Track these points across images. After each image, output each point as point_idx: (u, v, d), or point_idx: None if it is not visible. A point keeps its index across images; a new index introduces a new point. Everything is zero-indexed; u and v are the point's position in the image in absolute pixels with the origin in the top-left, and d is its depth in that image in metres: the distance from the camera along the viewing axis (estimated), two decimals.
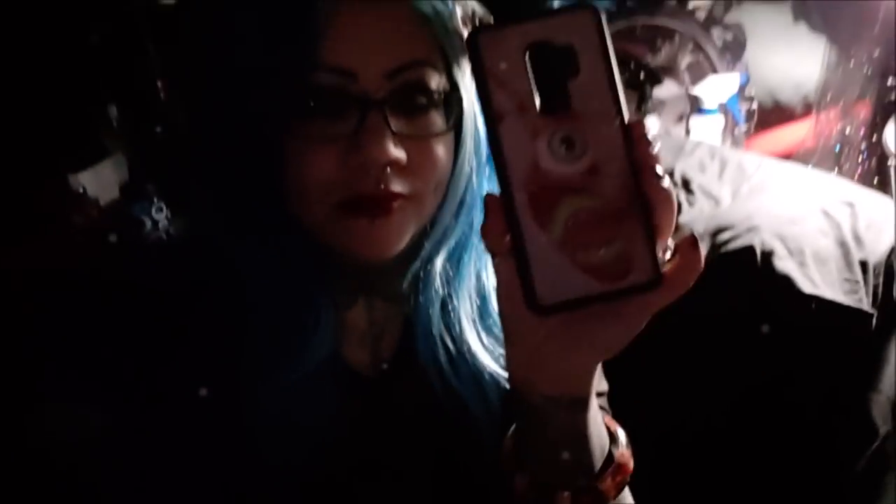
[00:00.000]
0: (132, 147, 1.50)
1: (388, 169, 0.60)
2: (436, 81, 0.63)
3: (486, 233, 0.46)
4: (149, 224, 1.40)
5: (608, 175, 0.43)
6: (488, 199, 0.45)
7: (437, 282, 0.67)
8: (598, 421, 0.56)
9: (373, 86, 0.60)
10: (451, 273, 0.68)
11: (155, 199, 1.39)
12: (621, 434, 0.59)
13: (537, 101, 0.43)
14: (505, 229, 0.44)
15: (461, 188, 0.66)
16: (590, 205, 0.43)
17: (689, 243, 0.45)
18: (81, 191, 1.44)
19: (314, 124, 0.60)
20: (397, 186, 0.61)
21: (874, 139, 1.51)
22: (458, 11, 0.65)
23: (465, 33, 0.64)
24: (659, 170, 0.43)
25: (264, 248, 0.63)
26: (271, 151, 0.60)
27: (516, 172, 0.43)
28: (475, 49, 0.43)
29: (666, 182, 0.44)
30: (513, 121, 0.43)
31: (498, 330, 0.68)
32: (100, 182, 1.49)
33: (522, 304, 0.44)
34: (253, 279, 0.63)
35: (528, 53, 0.42)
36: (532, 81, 0.43)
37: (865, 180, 1.49)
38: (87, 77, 1.43)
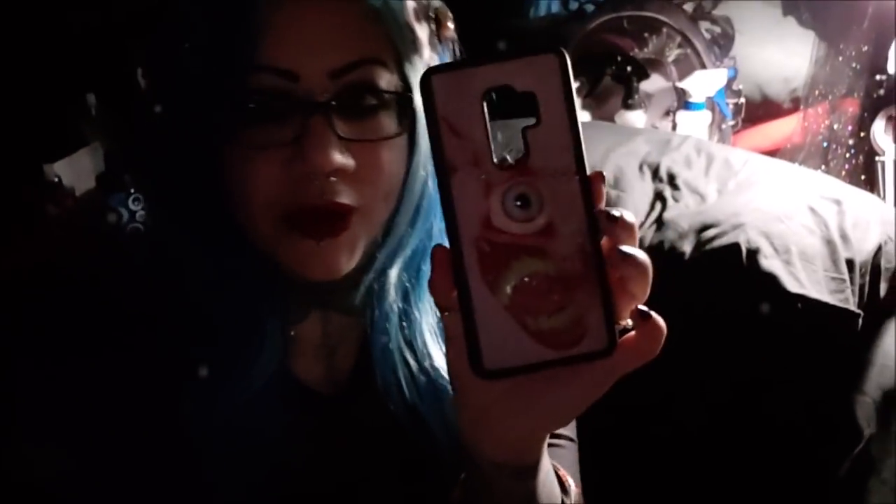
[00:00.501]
0: (110, 136, 1.47)
1: (334, 178, 0.56)
2: (386, 80, 0.59)
3: (432, 288, 0.43)
4: (125, 215, 1.38)
5: (563, 236, 0.40)
6: (436, 252, 0.42)
7: (393, 294, 0.64)
8: (550, 479, 0.53)
9: (316, 87, 0.56)
10: (410, 284, 0.65)
11: (132, 190, 1.36)
12: (572, 485, 0.57)
13: (493, 152, 0.40)
14: (452, 286, 0.41)
15: (416, 194, 0.63)
16: (542, 269, 0.40)
17: (636, 316, 0.42)
18: (56, 180, 1.42)
19: (255, 130, 0.56)
20: (344, 197, 0.57)
21: (862, 136, 1.50)
22: (412, 4, 0.61)
23: (419, 29, 0.61)
24: (629, 241, 0.41)
25: (208, 257, 0.60)
26: (211, 158, 0.57)
27: (467, 228, 0.40)
28: (428, 92, 0.40)
29: (635, 253, 0.41)
30: (466, 173, 0.40)
31: None
32: (76, 172, 1.46)
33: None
34: (197, 288, 0.60)
35: (485, 99, 0.40)
36: (488, 130, 0.40)
37: (853, 177, 1.48)
38: (65, 64, 1.41)
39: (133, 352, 0.59)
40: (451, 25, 0.64)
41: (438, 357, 0.65)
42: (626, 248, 0.41)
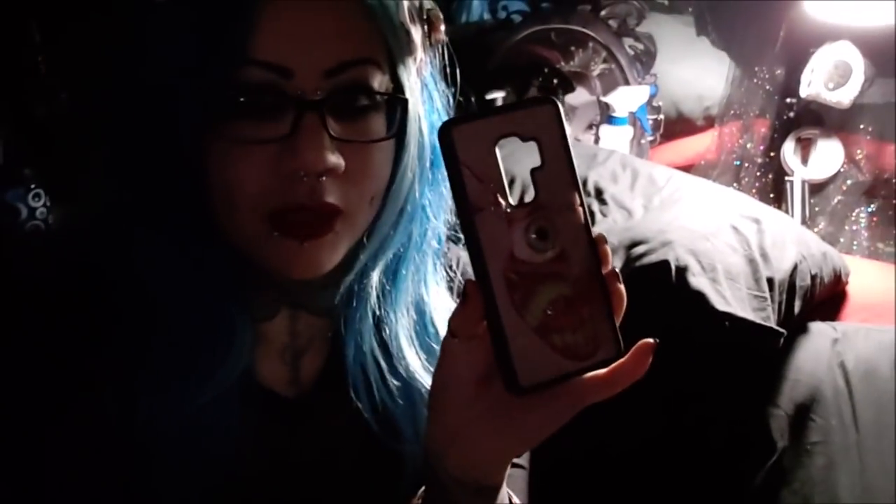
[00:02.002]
0: (8, 127, 1.38)
1: (324, 178, 0.55)
2: (379, 81, 0.58)
3: (460, 318, 0.46)
4: (24, 212, 1.29)
5: (574, 261, 0.45)
6: (469, 286, 0.45)
7: (373, 296, 0.63)
8: (504, 502, 0.54)
9: (310, 85, 0.54)
10: (387, 287, 0.63)
11: (32, 185, 1.28)
12: None
13: (509, 193, 0.44)
14: (482, 316, 0.45)
15: (402, 197, 0.61)
16: (562, 291, 0.45)
17: (649, 347, 0.47)
18: None
19: (243, 126, 0.54)
20: (331, 197, 0.55)
21: (772, 156, 1.55)
22: (407, 4, 0.59)
23: (413, 30, 0.60)
24: (609, 258, 0.46)
25: (173, 252, 0.57)
26: (189, 153, 0.54)
27: (493, 262, 0.44)
28: (449, 140, 0.44)
29: (618, 276, 0.47)
30: (488, 213, 0.44)
31: (437, 347, 0.63)
32: None
33: (461, 385, 0.47)
34: (157, 284, 0.57)
35: (497, 145, 0.44)
36: (503, 173, 0.44)
37: (762, 195, 1.54)
38: None
39: (72, 351, 0.56)
40: (442, 28, 0.63)
41: (414, 361, 0.64)
42: (616, 270, 0.47)
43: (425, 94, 0.63)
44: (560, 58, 1.57)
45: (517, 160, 0.49)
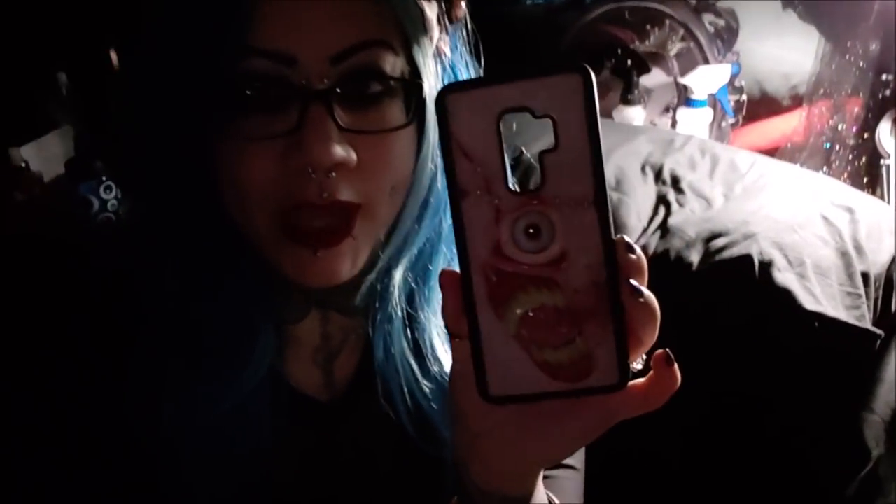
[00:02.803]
0: (81, 119, 1.40)
1: (334, 173, 0.51)
2: (392, 65, 0.53)
3: (443, 313, 0.42)
4: (96, 204, 1.31)
5: (577, 268, 0.38)
6: (444, 277, 0.41)
7: (396, 295, 0.59)
8: None
9: (315, 73, 0.50)
10: (417, 285, 0.60)
11: (103, 178, 1.29)
12: None
13: (507, 177, 0.38)
14: (461, 312, 0.40)
15: (424, 189, 0.57)
16: (550, 301, 0.39)
17: (661, 359, 0.41)
18: (23, 165, 1.35)
19: (248, 120, 0.51)
20: (345, 194, 0.52)
21: (865, 137, 1.45)
22: None
23: (428, 7, 0.55)
24: (640, 280, 0.39)
25: (195, 250, 0.55)
26: (198, 148, 0.51)
27: (476, 254, 0.39)
28: (442, 112, 0.38)
29: (646, 294, 0.39)
30: (477, 198, 0.38)
31: None
32: (44, 156, 1.39)
33: (472, 389, 0.41)
34: (182, 285, 0.55)
35: (501, 120, 0.38)
36: (503, 153, 0.38)
37: (854, 180, 1.44)
38: (34, 41, 1.33)
39: (103, 350, 0.54)
40: (462, 4, 0.59)
41: (448, 362, 0.60)
42: (638, 285, 0.39)
43: (447, 75, 0.58)
44: (634, 37, 1.49)
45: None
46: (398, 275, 0.59)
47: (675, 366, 0.41)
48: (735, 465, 0.92)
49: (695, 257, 0.92)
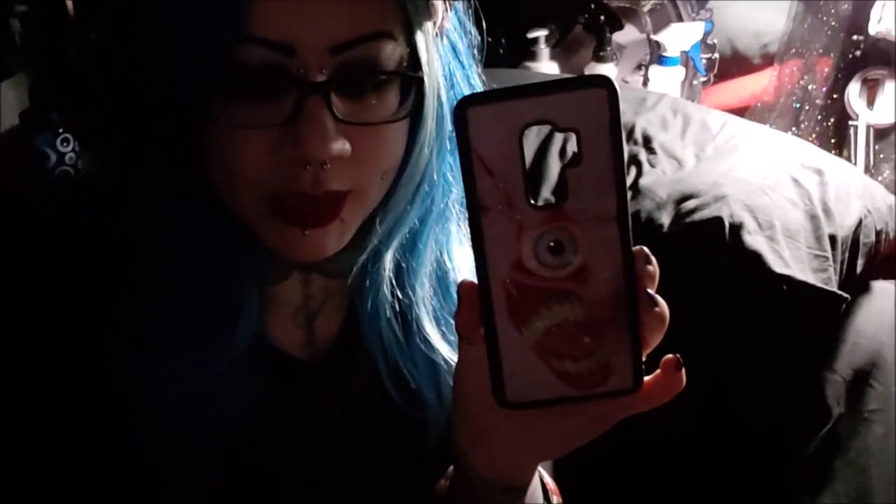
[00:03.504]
0: (36, 68, 1.35)
1: (328, 165, 0.50)
2: (392, 54, 0.52)
3: (458, 321, 0.43)
4: (53, 157, 1.27)
5: (597, 281, 0.39)
6: (463, 288, 0.41)
7: (387, 274, 0.59)
8: (536, 493, 0.52)
9: (314, 63, 0.49)
10: (406, 263, 0.60)
11: (60, 130, 1.25)
12: (555, 495, 0.56)
13: (528, 191, 0.38)
14: (478, 322, 0.40)
15: (419, 174, 0.57)
16: (572, 315, 0.39)
17: (671, 364, 0.43)
18: None
19: (244, 109, 0.50)
20: (336, 183, 0.51)
21: (834, 97, 1.45)
22: None
23: None
24: (653, 290, 0.41)
25: (175, 210, 0.54)
26: (189, 134, 0.50)
27: (496, 268, 0.38)
28: (463, 124, 0.37)
29: (660, 302, 0.41)
30: (498, 213, 0.38)
31: None
32: None
33: (480, 389, 0.42)
34: (162, 248, 0.54)
35: (523, 133, 0.37)
36: (524, 168, 0.37)
37: (822, 141, 1.44)
38: None
39: (72, 308, 0.54)
40: None
41: (433, 333, 0.61)
42: (654, 295, 0.41)
43: (447, 59, 0.57)
44: None
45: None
46: (388, 254, 0.60)
47: (683, 370, 0.43)
48: (705, 423, 0.93)
49: (665, 219, 0.92)
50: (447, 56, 0.58)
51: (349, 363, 0.62)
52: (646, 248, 0.40)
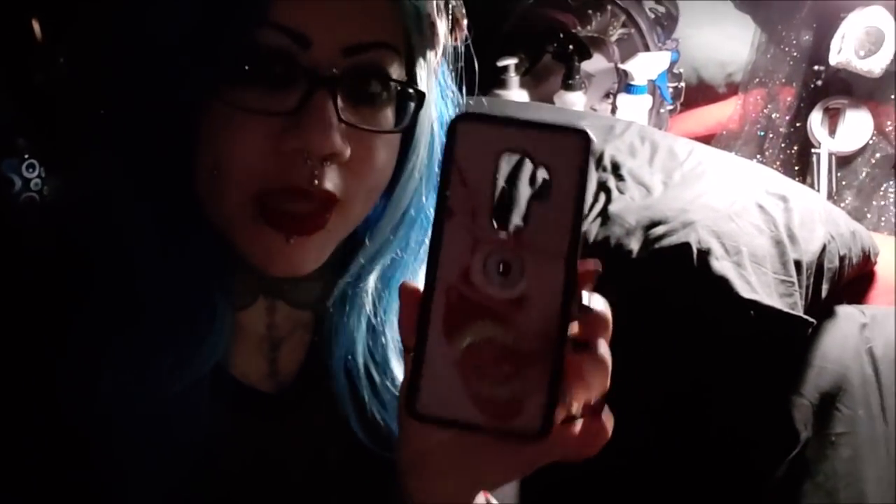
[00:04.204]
0: (1, 93, 1.33)
1: (327, 162, 0.50)
2: (396, 70, 0.53)
3: (400, 326, 0.43)
4: (19, 183, 1.25)
5: (533, 313, 0.40)
6: (403, 290, 0.42)
7: (369, 302, 0.59)
8: None
9: (326, 59, 0.50)
10: (381, 293, 0.60)
11: (26, 156, 1.24)
12: None
13: (492, 211, 0.40)
14: (413, 325, 0.41)
15: (407, 198, 0.57)
16: (501, 337, 0.40)
17: (587, 407, 0.42)
18: None
19: (249, 93, 0.50)
20: (331, 185, 0.51)
21: (797, 126, 1.48)
22: None
23: (439, 23, 0.56)
24: (602, 334, 0.41)
25: (156, 230, 0.53)
26: (186, 115, 0.50)
27: (444, 274, 0.40)
28: (452, 135, 0.40)
29: (599, 351, 0.41)
30: (460, 222, 0.40)
31: None
32: None
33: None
34: (138, 263, 0.53)
35: (501, 157, 0.39)
36: (495, 188, 0.40)
37: (787, 168, 1.47)
38: None
39: (35, 326, 0.52)
40: (465, 23, 0.59)
41: (399, 373, 0.60)
42: (590, 341, 0.41)
43: (438, 91, 0.59)
44: (576, 22, 1.49)
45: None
46: (371, 281, 0.59)
47: (606, 416, 0.42)
48: (677, 446, 0.93)
49: (634, 245, 0.93)
50: (440, 99, 0.59)
51: (312, 398, 0.61)
52: (602, 298, 0.41)
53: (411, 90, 0.55)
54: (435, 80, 0.58)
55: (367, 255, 0.59)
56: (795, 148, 1.49)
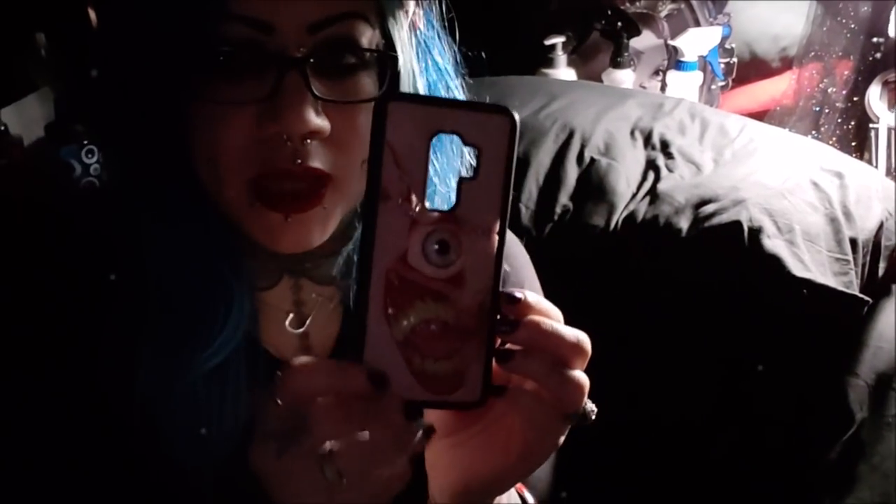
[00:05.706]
0: (61, 81, 1.37)
1: (309, 140, 0.52)
2: (368, 37, 0.54)
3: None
4: (78, 168, 1.29)
5: (470, 289, 0.42)
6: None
7: None
8: None
9: (292, 41, 0.51)
10: None
11: (85, 142, 1.27)
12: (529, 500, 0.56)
13: (426, 193, 0.41)
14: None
15: None
16: (442, 315, 0.41)
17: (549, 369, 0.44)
18: (2, 129, 1.32)
19: (223, 85, 0.51)
20: (318, 162, 0.52)
21: (854, 101, 1.44)
22: None
23: None
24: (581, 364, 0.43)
25: (170, 214, 0.55)
26: (173, 112, 0.52)
27: (382, 257, 0.41)
28: (381, 117, 0.40)
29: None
30: (395, 205, 0.40)
31: None
32: (23, 120, 1.36)
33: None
34: (155, 248, 0.55)
35: (433, 138, 0.40)
36: (427, 169, 0.41)
37: (843, 144, 1.43)
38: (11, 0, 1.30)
39: (81, 317, 0.55)
40: None
41: None
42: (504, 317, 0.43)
43: (421, 50, 0.58)
44: None
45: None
46: None
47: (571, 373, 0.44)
48: (725, 427, 0.92)
49: (684, 224, 0.92)
50: (423, 53, 0.59)
51: None
52: (580, 333, 0.43)
53: (388, 56, 0.55)
54: (415, 37, 0.58)
55: None
56: (853, 123, 1.45)
